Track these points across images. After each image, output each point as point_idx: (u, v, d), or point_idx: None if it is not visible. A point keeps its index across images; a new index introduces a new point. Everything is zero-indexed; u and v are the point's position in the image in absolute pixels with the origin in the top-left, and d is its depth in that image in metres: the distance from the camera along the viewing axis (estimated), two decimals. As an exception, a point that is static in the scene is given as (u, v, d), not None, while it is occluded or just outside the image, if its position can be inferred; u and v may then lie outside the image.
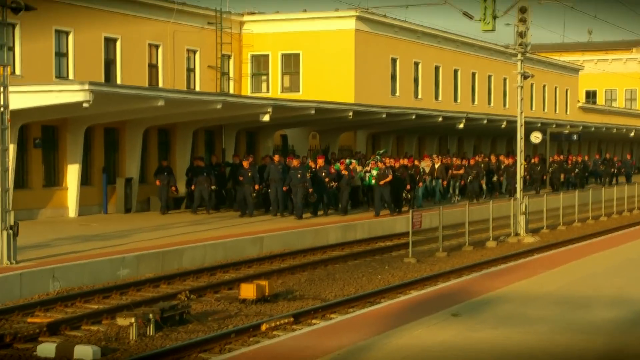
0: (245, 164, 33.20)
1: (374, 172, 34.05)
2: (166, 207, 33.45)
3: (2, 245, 20.09)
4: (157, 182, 33.46)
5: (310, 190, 32.17)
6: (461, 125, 45.54)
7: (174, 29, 41.05)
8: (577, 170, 51.91)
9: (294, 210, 32.45)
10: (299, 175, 32.01)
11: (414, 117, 42.04)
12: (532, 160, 49.89)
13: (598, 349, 12.53)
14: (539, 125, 51.32)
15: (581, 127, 57.24)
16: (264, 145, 41.21)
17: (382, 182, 32.89)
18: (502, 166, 45.41)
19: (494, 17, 30.86)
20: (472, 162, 43.03)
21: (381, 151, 39.85)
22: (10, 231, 20.18)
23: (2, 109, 20.42)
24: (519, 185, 32.67)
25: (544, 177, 49.67)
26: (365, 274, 23.07)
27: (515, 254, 26.68)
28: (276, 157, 33.90)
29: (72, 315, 16.94)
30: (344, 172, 33.70)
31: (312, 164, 34.70)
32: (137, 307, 17.04)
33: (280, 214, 32.81)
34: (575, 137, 55.75)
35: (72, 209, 32.20)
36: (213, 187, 33.72)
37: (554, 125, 54.61)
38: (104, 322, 16.52)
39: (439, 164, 40.67)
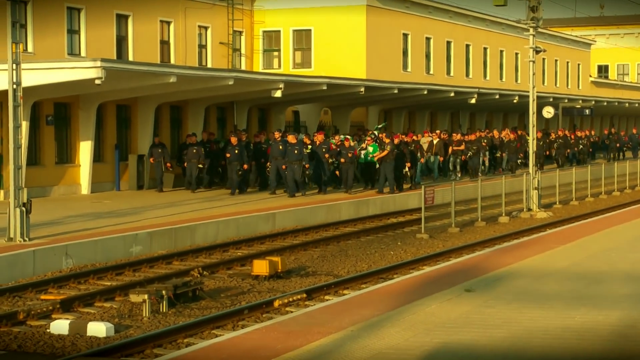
0: (234, 140, 32.40)
1: (370, 149, 33.45)
2: (161, 183, 32.98)
3: (15, 223, 20.14)
4: (151, 160, 33.02)
5: (307, 166, 31.54)
6: (473, 101, 45.40)
7: (186, 5, 40.92)
8: (581, 145, 51.28)
9: (287, 188, 31.65)
10: (295, 152, 31.26)
11: (425, 92, 41.91)
12: (524, 135, 48.54)
13: (612, 324, 12.49)
14: (551, 100, 51.12)
15: (593, 102, 56.99)
16: (276, 120, 41.16)
17: (377, 157, 32.66)
18: (505, 141, 44.74)
19: (506, -8, 30.63)
20: (472, 137, 41.81)
21: (379, 126, 39.20)
22: (23, 208, 20.22)
23: (14, 86, 20.41)
24: (531, 161, 32.55)
25: (547, 153, 48.23)
26: (377, 250, 23.06)
27: (528, 229, 26.64)
28: (277, 134, 33.04)
29: (85, 292, 16.99)
30: (351, 151, 32.87)
31: (306, 140, 34.02)
32: (150, 283, 17.09)
33: (274, 191, 31.88)
34: (587, 111, 55.50)
35: (84, 186, 32.27)
36: (201, 165, 32.82)
37: (566, 100, 54.39)
38: (117, 299, 16.56)
39: (437, 139, 39.94)
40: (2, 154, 29.22)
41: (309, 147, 33.21)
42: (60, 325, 14.18)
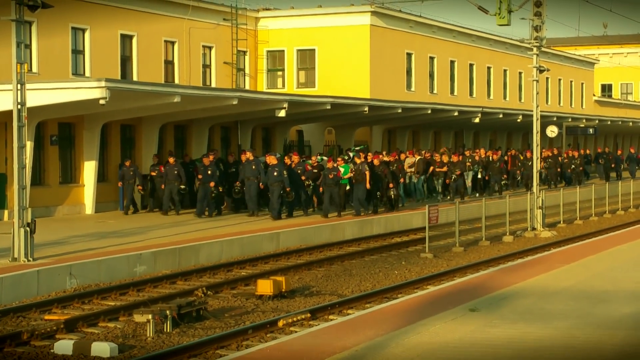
0: (206, 160, 31.00)
1: (341, 170, 31.54)
2: (130, 206, 31.77)
3: (19, 243, 20.14)
4: (119, 184, 32.00)
5: (288, 189, 30.04)
6: (477, 120, 45.44)
7: (190, 25, 41.08)
8: (573, 165, 49.61)
9: (269, 210, 30.39)
10: (275, 174, 29.94)
11: (429, 111, 41.96)
12: (517, 155, 46.67)
13: (617, 344, 12.45)
14: (555, 119, 51.14)
15: (597, 121, 56.97)
16: (280, 140, 41.22)
17: (367, 183, 30.98)
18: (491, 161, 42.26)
19: (509, 12, 30.70)
20: (454, 158, 39.32)
21: (357, 148, 37.65)
22: (28, 228, 20.23)
23: (19, 106, 20.46)
24: (535, 180, 32.54)
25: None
26: (382, 269, 23.03)
27: (533, 248, 26.60)
28: (249, 154, 31.34)
29: (89, 312, 16.96)
30: (334, 172, 30.94)
31: (287, 160, 32.41)
32: (154, 303, 17.05)
33: (255, 213, 30.66)
34: (591, 131, 55.41)
35: (88, 206, 32.31)
36: (182, 187, 31.42)
37: (570, 119, 54.39)
38: (121, 319, 16.54)
39: (418, 158, 38.18)
40: (7, 173, 29.26)
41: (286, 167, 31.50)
42: (64, 346, 14.16)
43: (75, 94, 26.60)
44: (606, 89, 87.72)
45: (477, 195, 40.01)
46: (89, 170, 32.30)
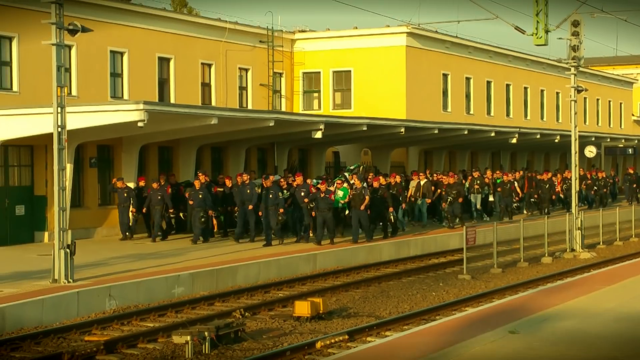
0: (197, 184, 29.51)
1: (340, 193, 30.12)
2: (129, 229, 30.17)
3: (59, 264, 20.31)
4: (124, 207, 29.98)
5: (281, 210, 28.67)
6: (514, 140, 45.22)
7: (226, 47, 41.35)
8: (595, 187, 47.26)
9: (265, 234, 28.81)
10: (270, 196, 28.65)
11: (466, 132, 41.84)
12: (539, 176, 44.71)
13: (660, 367, 12.32)
14: (593, 139, 50.80)
15: (636, 141, 56.53)
16: (317, 162, 41.28)
17: (362, 207, 29.14)
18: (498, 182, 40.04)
19: (547, 31, 30.61)
20: (451, 180, 36.16)
21: (351, 167, 36.18)
22: (68, 250, 20.40)
23: (59, 129, 20.69)
24: (573, 200, 32.32)
25: (554, 197, 43.54)
26: (419, 290, 22.94)
27: (572, 270, 26.38)
28: (245, 176, 30.21)
29: (128, 334, 17.05)
30: (327, 194, 29.15)
31: (283, 183, 30.69)
32: (193, 325, 17.12)
33: (239, 238, 29.31)
34: (630, 150, 55.01)
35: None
36: (171, 212, 30.15)
37: (608, 139, 53.99)
38: (160, 340, 16.60)
39: (425, 180, 36.24)
40: (47, 196, 29.55)
41: (285, 191, 30.23)
42: (104, 367, 14.23)
43: (114, 116, 26.82)
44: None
45: (488, 219, 38.15)
46: (127, 192, 32.46)
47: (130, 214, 30.08)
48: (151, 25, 37.50)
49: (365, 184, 31.04)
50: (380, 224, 31.15)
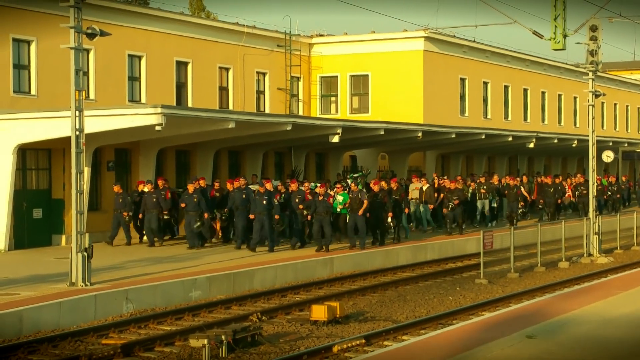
0: (191, 188, 28.87)
1: (339, 198, 29.35)
2: (114, 237, 29.63)
3: (77, 268, 20.37)
4: (119, 212, 29.39)
5: (277, 217, 27.98)
6: (531, 145, 45.11)
7: (244, 51, 41.44)
8: (609, 192, 46.60)
9: (267, 241, 28.08)
10: (264, 202, 27.82)
11: (483, 137, 41.77)
12: (542, 180, 43.38)
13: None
14: (611, 144, 50.61)
15: (654, 146, 56.28)
16: (334, 166, 41.30)
17: (360, 211, 28.24)
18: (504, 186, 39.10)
19: (565, 36, 30.51)
20: (452, 186, 34.70)
21: (356, 175, 34.87)
22: (85, 253, 20.45)
23: (77, 132, 20.76)
24: (591, 206, 32.21)
25: (560, 202, 41.94)
26: (436, 295, 22.90)
27: (589, 274, 26.28)
28: (242, 181, 29.33)
29: (145, 337, 17.08)
30: (326, 198, 28.40)
31: (281, 188, 30.16)
32: (210, 328, 17.14)
33: (240, 246, 28.41)
34: (648, 155, 54.79)
35: (144, 231, 32.51)
36: (165, 215, 29.55)
37: (626, 144, 53.78)
38: (177, 344, 16.63)
39: (427, 186, 35.12)
40: (64, 199, 29.66)
41: (282, 196, 29.57)
42: (121, 370, 14.26)
43: (131, 120, 26.91)
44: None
45: (494, 224, 37.59)
46: (144, 195, 32.55)
47: (127, 218, 29.54)
48: (169, 29, 37.63)
49: (363, 188, 30.47)
50: (378, 231, 30.09)
